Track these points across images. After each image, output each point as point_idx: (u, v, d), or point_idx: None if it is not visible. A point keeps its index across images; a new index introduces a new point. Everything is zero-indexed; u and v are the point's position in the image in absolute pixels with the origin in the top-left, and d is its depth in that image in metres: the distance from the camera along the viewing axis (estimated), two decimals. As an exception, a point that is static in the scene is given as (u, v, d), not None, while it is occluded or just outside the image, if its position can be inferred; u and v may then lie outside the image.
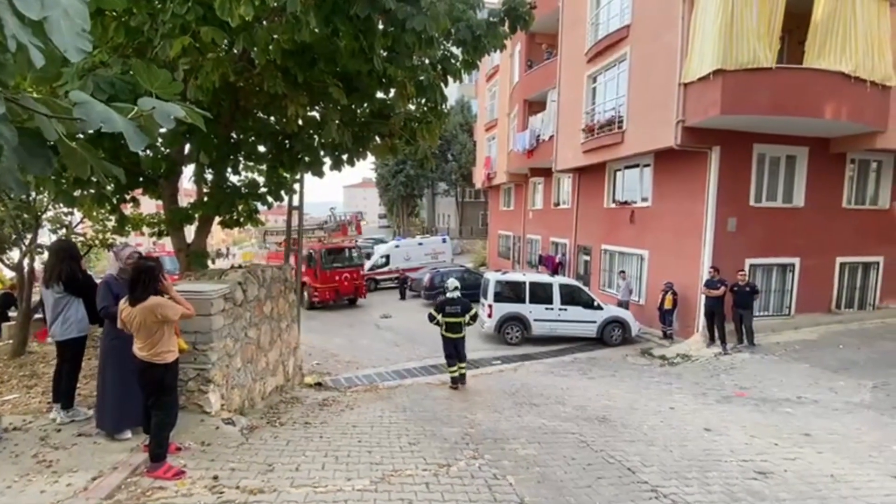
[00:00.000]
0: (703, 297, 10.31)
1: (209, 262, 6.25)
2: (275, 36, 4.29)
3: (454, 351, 7.36)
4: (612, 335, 11.44)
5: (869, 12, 9.30)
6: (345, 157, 6.22)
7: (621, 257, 13.88)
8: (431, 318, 7.50)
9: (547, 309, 11.55)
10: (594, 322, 11.49)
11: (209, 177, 6.18)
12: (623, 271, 13.07)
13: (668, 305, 11.03)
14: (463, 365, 7.44)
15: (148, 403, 3.42)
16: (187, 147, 5.82)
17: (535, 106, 18.52)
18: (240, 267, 5.93)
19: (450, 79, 5.95)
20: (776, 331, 10.79)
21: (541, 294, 11.65)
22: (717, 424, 5.80)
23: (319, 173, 6.33)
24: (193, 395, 4.23)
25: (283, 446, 4.22)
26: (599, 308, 11.61)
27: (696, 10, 9.85)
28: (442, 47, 5.49)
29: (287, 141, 6.12)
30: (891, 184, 11.86)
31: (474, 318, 7.55)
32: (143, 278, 3.32)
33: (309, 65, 4.94)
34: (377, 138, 6.30)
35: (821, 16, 9.05)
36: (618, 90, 12.80)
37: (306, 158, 6.14)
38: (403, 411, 5.95)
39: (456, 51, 5.75)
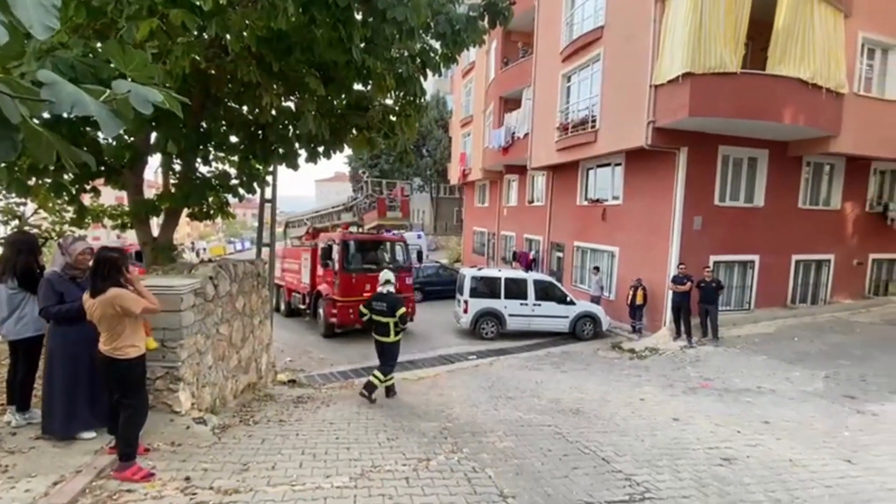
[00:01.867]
0: (671, 292, 10.68)
1: (194, 256, 6.01)
2: (249, 22, 4.14)
3: (381, 356, 6.37)
4: (583, 330, 11.71)
5: (826, 23, 9.81)
6: (321, 149, 6.08)
7: (593, 254, 14.20)
8: (361, 314, 6.59)
9: (521, 304, 11.71)
10: (567, 317, 11.72)
11: (177, 167, 5.93)
12: (597, 267, 13.39)
13: (638, 301, 11.37)
14: (381, 377, 6.16)
15: (114, 402, 3.27)
16: (153, 135, 5.55)
17: (510, 103, 18.66)
18: (210, 261, 5.72)
19: (428, 72, 5.92)
20: (737, 325, 11.30)
21: (515, 290, 11.79)
22: (684, 414, 6.03)
23: (294, 165, 6.17)
24: (162, 394, 4.06)
25: (257, 445, 4.12)
26: (572, 303, 11.85)
27: (666, 14, 10.13)
28: (421, 40, 5.44)
29: (260, 131, 5.93)
30: (842, 186, 12.58)
31: (403, 320, 6.49)
32: (102, 269, 3.15)
33: (285, 53, 4.79)
34: (354, 131, 6.20)
35: (782, 25, 9.49)
36: (591, 90, 13.04)
37: (280, 150, 5.97)
38: (381, 407, 5.92)
39: (435, 44, 5.71)
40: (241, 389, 5.60)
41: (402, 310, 6.35)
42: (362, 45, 4.99)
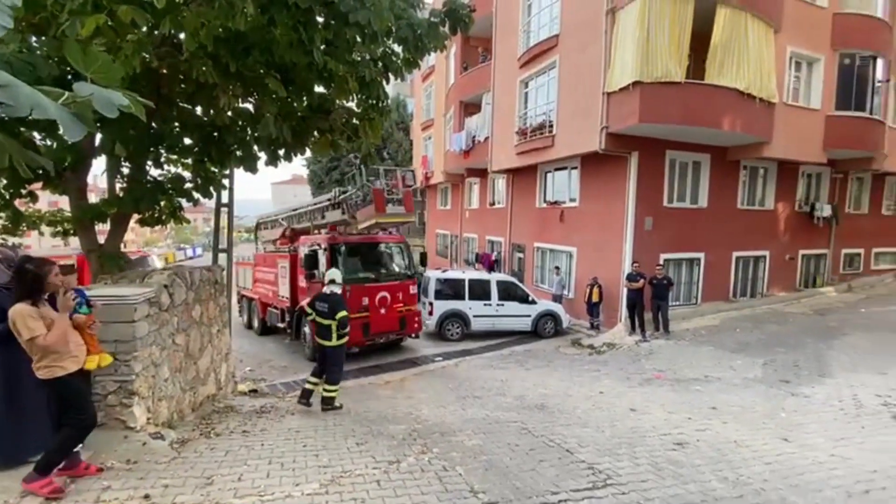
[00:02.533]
0: (626, 289, 11.21)
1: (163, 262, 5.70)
2: (204, 21, 4.02)
3: (321, 361, 6.04)
4: (545, 328, 12.05)
5: (758, 37, 10.65)
6: (282, 152, 5.97)
7: (552, 254, 14.64)
8: (307, 314, 6.32)
9: (485, 305, 11.90)
10: (529, 316, 12.03)
11: (125, 170, 5.63)
12: (557, 267, 13.82)
13: (594, 298, 11.85)
14: (330, 388, 5.90)
15: (54, 421, 3.09)
16: (98, 137, 5.25)
17: (470, 107, 18.92)
18: (165, 269, 5.47)
19: (391, 76, 5.94)
20: (686, 318, 12.00)
21: (479, 291, 11.97)
22: (640, 405, 6.36)
23: (253, 169, 6.01)
24: (115, 409, 3.85)
25: (221, 457, 3.98)
26: (534, 303, 12.17)
27: (616, 26, 10.67)
28: (383, 44, 5.46)
29: (216, 133, 5.74)
30: (774, 188, 13.66)
31: (344, 324, 5.96)
32: (14, 283, 2.97)
33: (243, 54, 4.68)
34: (317, 133, 6.12)
35: (719, 39, 10.22)
36: (548, 96, 13.48)
37: (238, 152, 5.81)
38: (348, 413, 5.86)
39: (397, 48, 5.75)
40: (200, 402, 5.38)
41: (343, 313, 5.99)
42: (323, 47, 4.97)
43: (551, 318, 12.17)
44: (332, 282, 6.24)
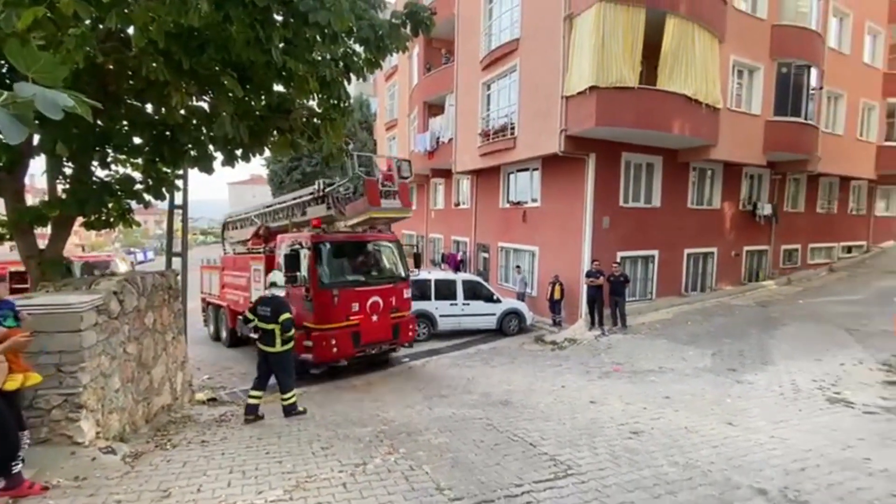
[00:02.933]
0: (586, 286, 11.60)
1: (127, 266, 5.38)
2: (155, 16, 3.86)
3: (264, 369, 5.77)
4: (509, 325, 12.28)
5: (704, 46, 11.29)
6: (239, 152, 5.81)
7: (516, 253, 14.93)
8: (246, 319, 5.97)
9: (451, 305, 11.99)
10: (494, 314, 12.22)
11: (68, 171, 5.31)
12: (518, 266, 14.10)
13: (556, 296, 12.21)
14: (286, 396, 5.68)
15: None
16: (36, 136, 4.92)
17: (434, 108, 18.99)
18: (112, 274, 5.20)
19: (352, 76, 5.90)
20: (642, 313, 12.54)
21: (445, 291, 12.05)
22: (599, 397, 6.62)
23: (208, 169, 5.80)
24: (60, 424, 3.63)
25: (178, 469, 3.85)
26: (498, 301, 12.38)
27: (573, 32, 11.03)
28: (344, 44, 5.42)
29: (169, 132, 5.51)
30: (721, 188, 14.51)
31: (288, 327, 5.68)
32: None
33: (196, 50, 4.53)
34: (276, 133, 5.99)
35: (669, 47, 10.75)
36: (510, 98, 13.74)
37: (193, 152, 5.60)
38: (312, 417, 5.78)
39: (358, 48, 5.71)
40: (154, 413, 5.15)
41: (286, 315, 5.69)
42: (282, 45, 4.87)
43: (515, 316, 12.42)
44: (274, 284, 6.03)
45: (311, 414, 5.91)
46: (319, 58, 5.41)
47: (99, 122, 5.19)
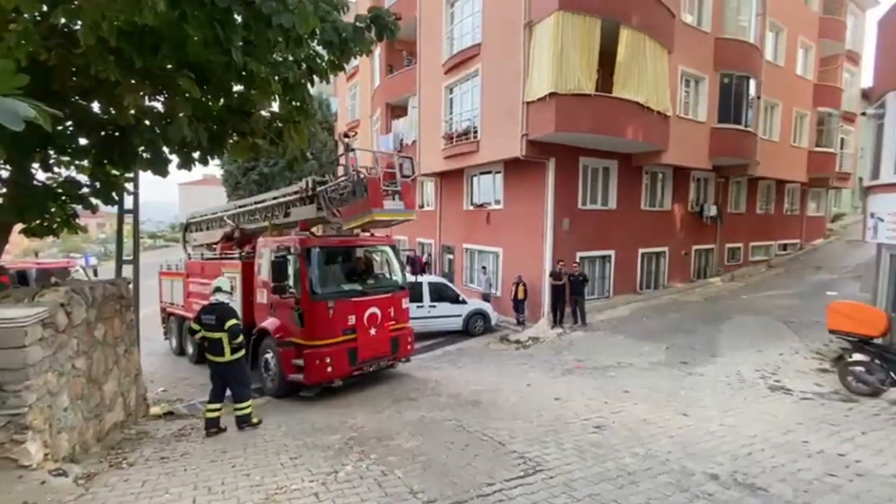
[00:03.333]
0: (549, 285, 11.93)
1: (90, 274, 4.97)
2: (106, 14, 3.67)
3: (218, 380, 5.56)
4: (475, 326, 12.44)
5: (655, 57, 11.90)
6: (196, 154, 5.59)
7: (480, 254, 15.14)
8: (192, 331, 5.68)
9: (418, 307, 11.96)
10: (460, 316, 12.34)
11: (5, 173, 4.92)
12: (484, 267, 14.31)
13: (520, 296, 12.49)
14: (241, 406, 5.50)
15: None
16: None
17: (397, 110, 18.92)
18: (57, 284, 4.87)
19: (316, 78, 5.82)
20: (600, 311, 13.05)
21: (412, 293, 12.00)
22: (563, 393, 6.84)
23: (163, 172, 5.54)
24: (4, 447, 3.37)
25: (137, 489, 3.67)
26: (464, 302, 12.51)
27: (533, 39, 11.34)
28: (308, 47, 5.34)
29: (118, 133, 5.22)
30: (671, 191, 15.33)
31: (235, 333, 5.44)
32: None
33: (150, 49, 4.33)
34: (236, 136, 5.80)
35: (623, 57, 11.26)
36: (472, 102, 13.93)
37: (146, 154, 5.33)
38: (279, 427, 5.63)
39: (322, 51, 5.64)
40: (107, 430, 4.86)
41: (233, 321, 5.44)
42: (241, 44, 4.73)
43: (481, 317, 12.60)
44: (219, 290, 5.77)
45: (277, 423, 5.77)
46: (281, 59, 5.31)
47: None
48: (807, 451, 4.40)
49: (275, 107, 5.86)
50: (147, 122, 5.16)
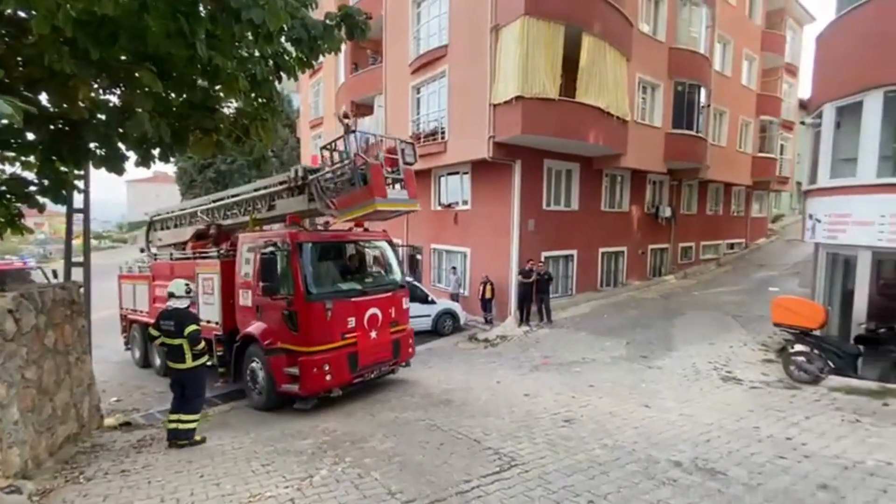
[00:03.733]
0: (516, 284, 12.17)
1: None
2: (60, 2, 3.45)
3: (178, 389, 5.27)
4: (444, 326, 12.51)
5: (614, 64, 12.39)
6: (156, 151, 5.33)
7: (448, 255, 15.22)
8: (151, 337, 5.45)
9: (385, 308, 11.90)
10: (429, 316, 12.36)
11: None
12: (454, 267, 14.40)
13: (488, 295, 12.68)
14: (189, 419, 5.16)
15: None
16: None
17: (362, 108, 18.68)
18: (2, 289, 4.52)
19: (283, 75, 5.69)
20: (564, 308, 13.45)
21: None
22: (532, 389, 7.02)
23: (119, 170, 5.24)
24: (-55, 467, 3.12)
25: (98, 504, 3.48)
26: (433, 302, 12.55)
27: (499, 43, 11.53)
28: (277, 43, 5.21)
29: (69, 128, 4.91)
30: (629, 193, 16.00)
31: (195, 339, 5.16)
32: None
33: (107, 40, 4.10)
34: (199, 133, 5.58)
35: (585, 63, 11.66)
36: (439, 103, 13.98)
37: (100, 151, 5.04)
38: (247, 434, 5.48)
39: (289, 47, 5.53)
40: (59, 444, 4.56)
41: (193, 327, 5.17)
42: (205, 38, 4.56)
43: (450, 317, 12.68)
44: (171, 295, 5.44)
45: (245, 431, 5.61)
46: (247, 54, 5.16)
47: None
48: (758, 436, 4.74)
49: (241, 103, 5.69)
50: (102, 117, 4.89)
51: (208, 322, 7.58)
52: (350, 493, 3.71)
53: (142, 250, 13.45)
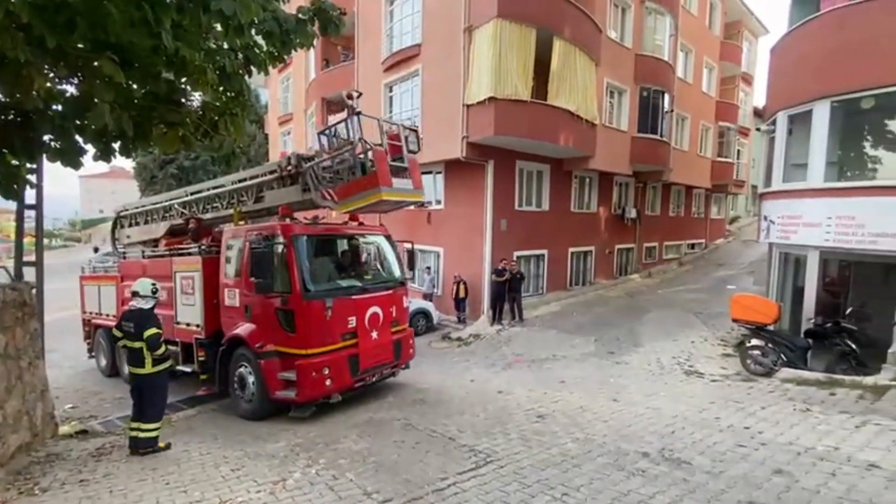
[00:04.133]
0: (489, 283, 12.30)
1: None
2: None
3: (137, 396, 4.99)
4: (418, 325, 12.45)
5: (584, 68, 12.70)
6: (117, 144, 5.09)
7: (422, 254, 15.17)
8: (114, 338, 5.27)
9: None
10: (402, 316, 12.30)
11: None
12: (428, 267, 14.39)
13: (461, 294, 12.76)
14: (148, 427, 4.88)
15: None
16: None
17: (333, 105, 18.35)
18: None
19: (254, 69, 5.54)
20: (535, 307, 13.68)
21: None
22: (505, 387, 7.12)
23: (75, 163, 4.96)
24: None
25: (55, 516, 3.29)
26: (406, 302, 12.50)
27: (473, 44, 11.61)
28: (248, 36, 5.07)
29: (21, 119, 4.62)
30: (597, 194, 16.45)
31: (154, 344, 4.88)
32: None
33: (65, 27, 3.88)
34: (163, 126, 5.35)
35: (556, 66, 11.91)
36: (413, 102, 13.94)
37: (56, 143, 4.76)
38: (215, 439, 5.31)
39: (260, 41, 5.39)
40: (11, 454, 4.28)
41: (153, 330, 4.89)
42: (171, 28, 4.38)
43: (423, 316, 12.67)
44: (136, 294, 5.16)
45: (212, 436, 5.43)
46: (216, 46, 5.00)
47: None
48: (719, 426, 4.99)
49: (209, 97, 5.50)
50: (58, 108, 4.63)
51: (188, 325, 7.16)
52: (325, 494, 3.66)
53: (95, 249, 12.75)
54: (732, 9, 23.04)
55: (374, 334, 6.47)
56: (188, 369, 7.17)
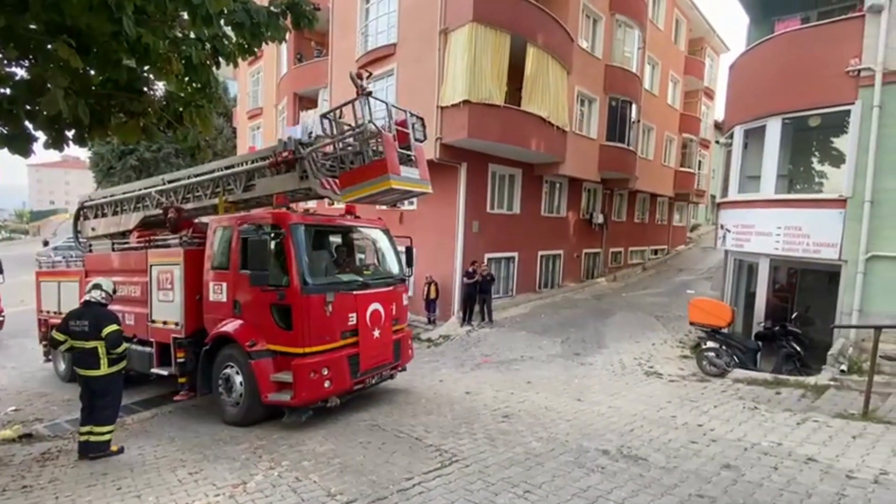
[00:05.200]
0: (462, 284, 12.37)
1: None
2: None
3: (88, 400, 4.77)
4: (386, 326, 12.41)
5: (556, 76, 12.98)
6: (71, 133, 4.84)
7: (391, 254, 15.11)
8: (54, 342, 4.85)
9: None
10: (370, 316, 12.19)
11: None
12: (399, 268, 14.33)
13: (432, 295, 12.78)
14: (101, 430, 4.70)
15: None
16: None
17: (305, 101, 18.07)
18: None
19: (222, 60, 5.39)
20: (505, 308, 13.86)
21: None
22: (474, 387, 7.19)
23: (25, 151, 4.70)
24: None
25: (-7, 525, 3.10)
26: (375, 302, 12.39)
27: (448, 46, 11.67)
28: (217, 26, 4.93)
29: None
30: (567, 199, 16.82)
31: (115, 342, 4.72)
32: None
33: (17, 7, 3.68)
34: (123, 116, 5.13)
35: (529, 72, 12.12)
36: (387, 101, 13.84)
37: (3, 129, 4.49)
38: (172, 442, 5.13)
39: (230, 32, 5.25)
40: (-57, 460, 4.00)
41: (112, 327, 4.69)
42: (131, 13, 4.21)
43: (392, 317, 12.60)
44: (98, 287, 4.90)
45: (169, 438, 5.23)
46: (182, 35, 4.84)
47: None
48: (675, 424, 5.20)
49: (174, 87, 5.30)
50: (6, 91, 4.36)
51: (165, 323, 6.59)
52: (287, 497, 3.60)
53: (45, 243, 12.13)
54: (697, 26, 24.10)
55: (376, 333, 6.07)
56: (164, 372, 6.58)
